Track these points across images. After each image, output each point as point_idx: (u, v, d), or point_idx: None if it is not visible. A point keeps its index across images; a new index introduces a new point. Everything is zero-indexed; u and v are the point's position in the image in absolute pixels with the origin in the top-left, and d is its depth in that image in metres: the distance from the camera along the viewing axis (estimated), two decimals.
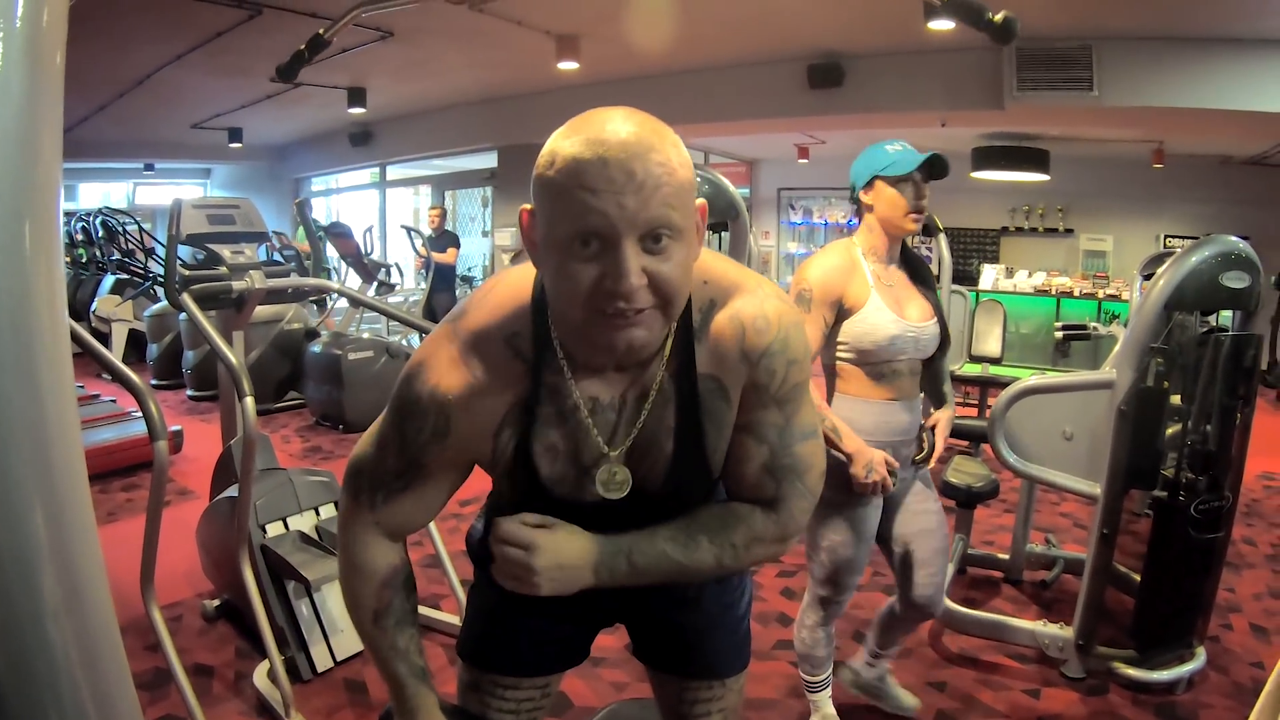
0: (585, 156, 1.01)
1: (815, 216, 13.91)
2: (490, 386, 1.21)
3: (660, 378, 1.23)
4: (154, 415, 2.44)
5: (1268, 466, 6.32)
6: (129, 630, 3.37)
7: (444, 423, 1.21)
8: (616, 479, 1.25)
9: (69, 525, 0.98)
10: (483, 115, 10.39)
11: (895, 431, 2.49)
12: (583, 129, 1.04)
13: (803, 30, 6.93)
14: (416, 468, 1.26)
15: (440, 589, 3.84)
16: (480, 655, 1.58)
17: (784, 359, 1.25)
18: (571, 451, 1.25)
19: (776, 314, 1.25)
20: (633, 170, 1.01)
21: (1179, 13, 5.72)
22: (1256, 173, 10.58)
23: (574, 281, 1.05)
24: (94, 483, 5.02)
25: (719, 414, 1.27)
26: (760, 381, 1.25)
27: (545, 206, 1.07)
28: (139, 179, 14.47)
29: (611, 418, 1.25)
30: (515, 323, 1.21)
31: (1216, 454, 3.06)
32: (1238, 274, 2.94)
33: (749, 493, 1.33)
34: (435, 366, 1.21)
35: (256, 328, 7.19)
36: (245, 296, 3.50)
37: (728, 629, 1.61)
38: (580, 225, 1.02)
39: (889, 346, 2.41)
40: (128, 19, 6.43)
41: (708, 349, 1.24)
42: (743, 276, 1.29)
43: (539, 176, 1.06)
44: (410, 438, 1.24)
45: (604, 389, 1.24)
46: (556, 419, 1.23)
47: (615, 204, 1.01)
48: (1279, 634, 3.65)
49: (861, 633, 3.51)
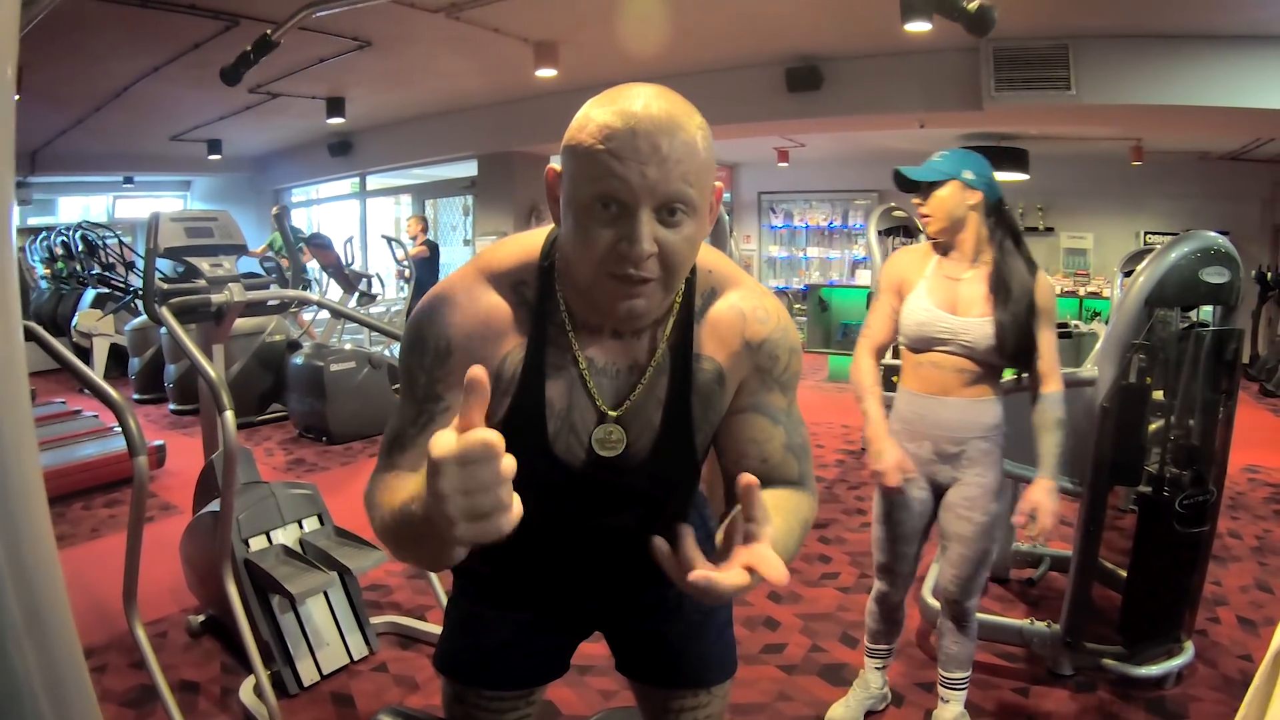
0: (616, 125, 1.07)
1: (796, 220, 13.97)
2: (492, 325, 1.24)
3: (659, 351, 1.28)
4: (133, 430, 2.42)
5: (1251, 459, 6.35)
6: (113, 647, 3.36)
7: (445, 345, 1.22)
8: (612, 438, 1.28)
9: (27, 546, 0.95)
10: (462, 124, 10.37)
11: (934, 425, 2.60)
12: (618, 100, 1.10)
13: (781, 34, 6.94)
14: (432, 406, 1.24)
15: (426, 600, 3.83)
16: (460, 669, 1.57)
17: (785, 346, 1.34)
18: (565, 409, 1.27)
19: (775, 308, 1.34)
20: (658, 144, 1.06)
21: (1155, 10, 5.75)
22: (1235, 168, 10.66)
23: (590, 241, 1.10)
24: (77, 499, 5.03)
25: (710, 396, 1.31)
26: (764, 366, 1.32)
27: (572, 167, 1.11)
28: (119, 192, 14.37)
29: (605, 383, 1.28)
30: (524, 273, 1.27)
31: (1200, 448, 3.07)
32: (1218, 269, 2.95)
33: (776, 473, 1.35)
34: (442, 297, 1.25)
35: (238, 340, 7.15)
36: (224, 309, 3.47)
37: (711, 637, 1.61)
38: (603, 188, 1.07)
39: (918, 332, 2.58)
40: (105, 31, 6.39)
41: (707, 331, 1.30)
42: (743, 274, 1.37)
43: (570, 139, 1.11)
44: (416, 370, 1.24)
45: (601, 354, 1.27)
46: (554, 372, 1.26)
47: (639, 173, 1.06)
48: (1266, 626, 3.66)
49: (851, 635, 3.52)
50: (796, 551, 1.25)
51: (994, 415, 2.59)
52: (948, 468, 2.62)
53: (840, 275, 13.28)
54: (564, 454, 1.29)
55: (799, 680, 3.26)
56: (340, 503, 3.85)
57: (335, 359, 6.91)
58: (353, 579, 3.38)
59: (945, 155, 2.58)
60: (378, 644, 3.42)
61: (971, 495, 2.60)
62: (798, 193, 13.74)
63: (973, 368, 2.54)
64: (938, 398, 2.58)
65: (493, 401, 1.22)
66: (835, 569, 4.31)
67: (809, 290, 11.00)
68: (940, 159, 2.57)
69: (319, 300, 3.84)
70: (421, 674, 3.24)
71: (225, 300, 3.44)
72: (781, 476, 1.35)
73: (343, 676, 3.24)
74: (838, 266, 13.60)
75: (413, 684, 3.18)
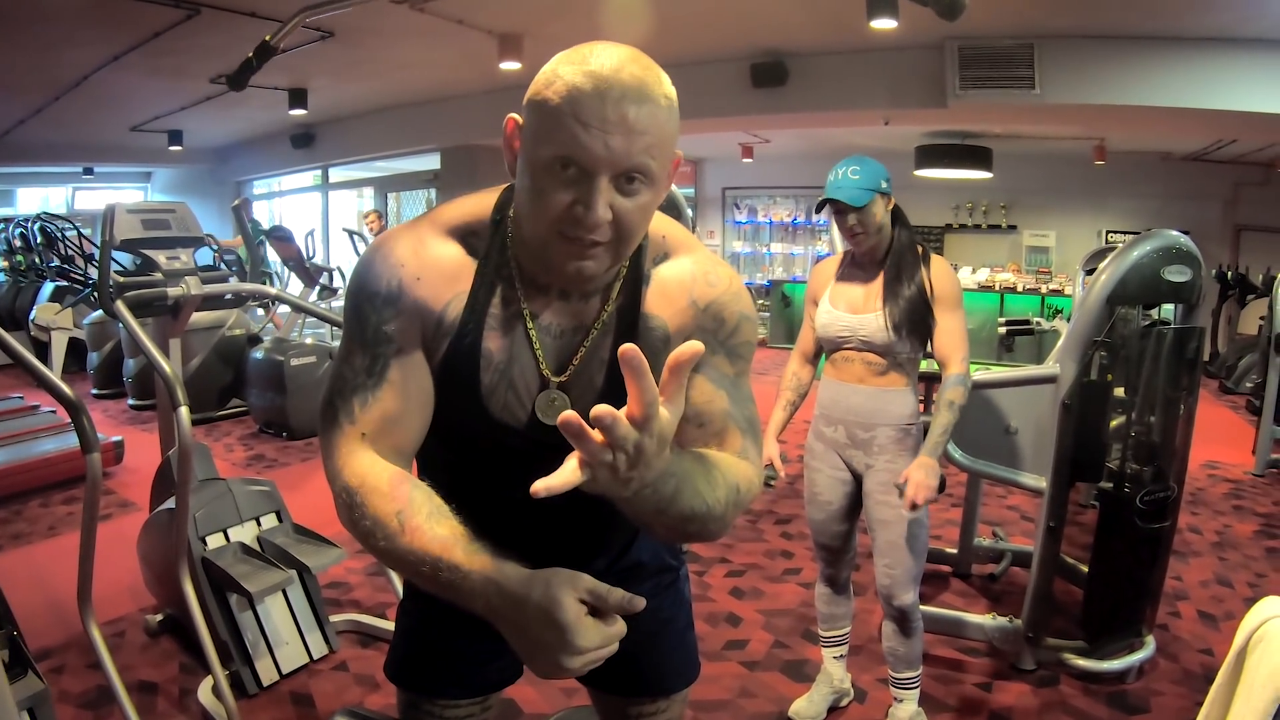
0: (584, 87, 1.04)
1: (760, 215, 13.98)
2: (440, 268, 1.22)
3: (605, 313, 1.25)
4: (86, 427, 2.38)
5: (1211, 455, 6.43)
6: (71, 647, 3.31)
7: (396, 284, 1.19)
8: (555, 405, 1.24)
9: None
10: (425, 116, 10.28)
11: (846, 411, 2.74)
12: (589, 59, 1.06)
13: (746, 29, 6.93)
14: (384, 348, 1.20)
15: (386, 597, 3.79)
16: (412, 678, 1.55)
17: (734, 309, 1.29)
18: (505, 362, 1.24)
19: (728, 275, 1.31)
20: (625, 113, 1.04)
21: (1119, 12, 5.79)
22: (1196, 168, 10.78)
23: (544, 199, 1.08)
24: (34, 496, 4.97)
25: (656, 356, 1.18)
26: (708, 327, 1.27)
27: (534, 123, 1.09)
28: (78, 183, 14.14)
29: (549, 342, 1.25)
30: (475, 226, 1.25)
31: (1160, 445, 3.10)
32: (1179, 268, 2.97)
33: (714, 441, 1.26)
34: (390, 241, 1.24)
35: (198, 334, 7.07)
36: (181, 303, 3.41)
37: (670, 642, 1.59)
38: (564, 151, 1.05)
39: (824, 334, 2.75)
40: (63, 20, 6.28)
41: (655, 291, 1.27)
42: (698, 243, 1.34)
43: (535, 94, 1.09)
44: (367, 310, 1.20)
45: (547, 313, 1.25)
46: (495, 323, 1.23)
47: (602, 141, 1.03)
48: (1227, 620, 3.70)
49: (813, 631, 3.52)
50: (721, 513, 1.14)
51: (905, 405, 2.70)
52: (860, 453, 2.74)
53: (804, 271, 13.31)
54: (500, 412, 1.25)
55: (761, 676, 3.26)
56: (300, 499, 3.81)
57: (296, 353, 6.83)
58: (312, 577, 3.34)
59: (859, 170, 2.58)
60: (338, 642, 3.38)
61: (884, 481, 2.68)
62: (762, 188, 13.75)
63: (880, 360, 2.67)
64: (850, 385, 2.72)
65: (432, 345, 1.22)
66: (797, 564, 4.32)
67: (772, 286, 11.04)
68: (859, 176, 2.57)
69: (278, 294, 3.79)
70: (381, 673, 3.20)
71: (182, 294, 3.38)
72: (720, 447, 1.25)
73: (302, 676, 3.20)
74: (801, 262, 13.63)
75: (373, 683, 3.14)
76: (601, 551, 1.47)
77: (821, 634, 3.05)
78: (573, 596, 0.98)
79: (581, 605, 0.99)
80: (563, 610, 0.97)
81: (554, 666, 0.98)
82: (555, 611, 0.97)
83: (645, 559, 1.53)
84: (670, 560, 1.59)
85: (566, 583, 0.99)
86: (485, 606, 1.04)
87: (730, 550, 4.49)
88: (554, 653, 0.97)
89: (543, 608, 0.97)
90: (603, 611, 1.00)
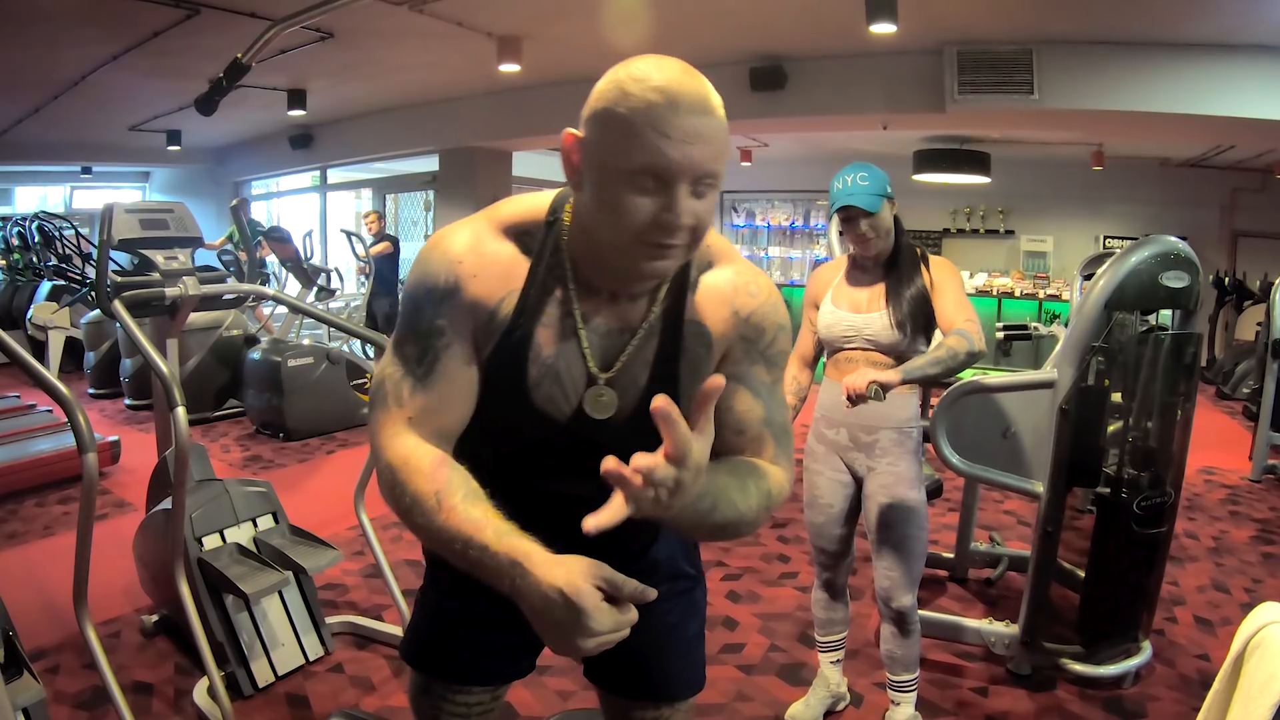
0: (660, 102, 1.10)
1: (758, 219, 13.95)
2: (496, 265, 1.28)
3: (652, 315, 1.32)
4: (82, 427, 2.37)
5: (1208, 461, 6.44)
6: (66, 648, 3.30)
7: (453, 279, 1.26)
8: (603, 400, 1.31)
9: None
10: (424, 118, 10.27)
11: (849, 413, 2.70)
12: (654, 74, 1.13)
13: (745, 32, 6.92)
14: (436, 341, 1.27)
15: (383, 599, 3.78)
16: (428, 660, 1.57)
17: (773, 320, 1.38)
18: (551, 356, 1.29)
19: (767, 286, 1.40)
20: (698, 125, 1.11)
21: (1118, 17, 5.79)
22: (1195, 174, 10.79)
23: (626, 209, 1.13)
24: (30, 495, 4.96)
25: (698, 361, 1.34)
26: (749, 337, 1.36)
27: (609, 138, 1.13)
28: (76, 182, 14.14)
29: (596, 340, 1.31)
30: (529, 226, 1.31)
31: (1158, 450, 3.10)
32: (1177, 274, 2.98)
33: (750, 447, 1.36)
34: (449, 237, 1.30)
35: (195, 335, 7.06)
36: (178, 303, 3.41)
37: (678, 650, 1.61)
38: (647, 162, 1.11)
39: (827, 334, 2.75)
40: (62, 18, 6.27)
41: (699, 298, 1.34)
42: (737, 253, 1.43)
43: (607, 108, 1.13)
44: (423, 303, 1.28)
45: (595, 313, 1.31)
46: (546, 319, 1.29)
47: (683, 152, 1.10)
48: (1223, 626, 3.70)
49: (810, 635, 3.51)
50: (754, 518, 1.27)
51: (907, 408, 2.71)
52: (863, 456, 2.74)
53: (801, 275, 13.27)
54: (544, 404, 1.31)
55: (758, 680, 3.26)
56: (296, 501, 3.80)
57: (293, 355, 6.82)
58: (308, 578, 3.34)
59: (867, 177, 2.60)
60: (333, 644, 3.38)
61: (885, 482, 2.70)
62: (760, 192, 13.71)
63: (885, 360, 2.65)
64: None
65: (483, 339, 1.29)
66: (794, 568, 4.32)
67: None
68: (868, 182, 2.59)
69: (276, 295, 3.79)
70: (377, 675, 3.20)
71: (180, 294, 3.37)
72: (756, 453, 1.36)
73: (298, 677, 3.19)
74: (799, 266, 13.61)
75: (369, 685, 3.14)
76: (620, 549, 1.48)
77: (818, 639, 3.04)
78: (590, 583, 1.06)
79: (598, 592, 1.06)
80: (581, 595, 1.05)
81: (569, 646, 1.07)
82: (574, 596, 1.05)
83: (662, 561, 1.57)
84: (687, 568, 1.63)
85: (585, 570, 1.08)
86: (510, 587, 1.11)
87: (727, 554, 4.49)
88: (570, 634, 1.06)
89: (562, 592, 1.05)
90: (617, 599, 1.08)
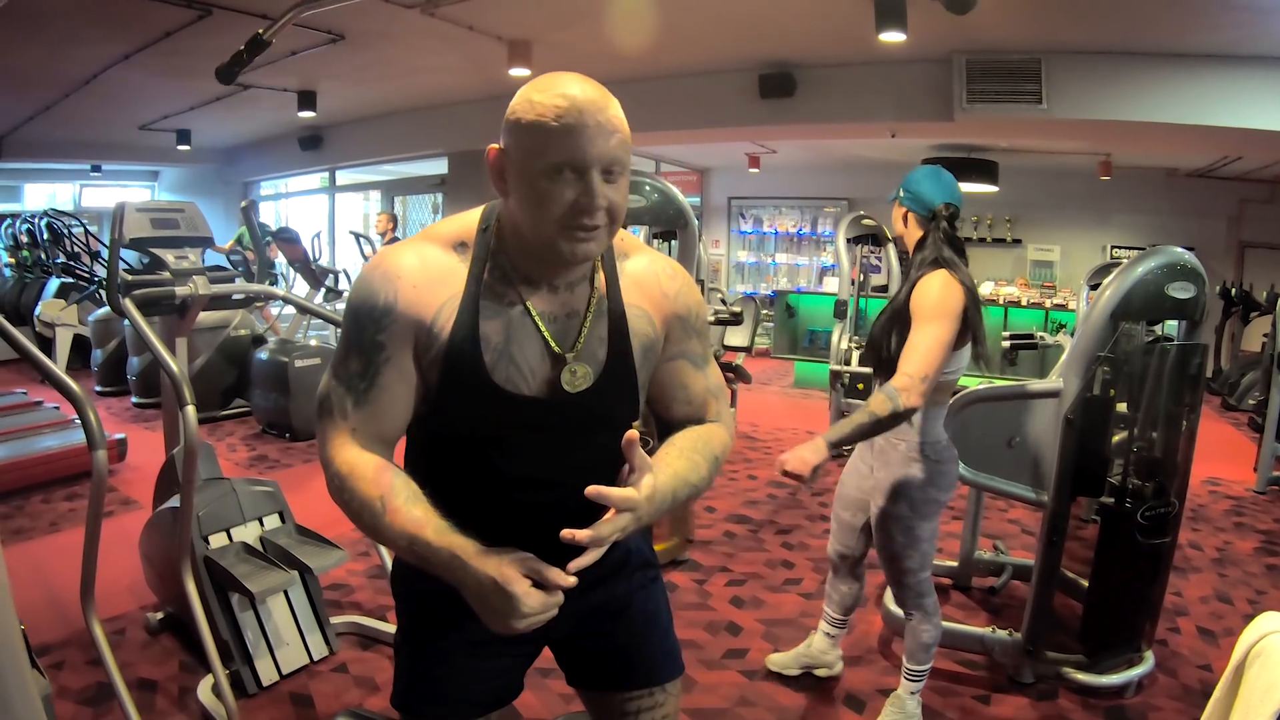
0: (562, 105, 1.26)
1: (766, 225, 13.97)
2: (433, 276, 1.39)
3: (594, 298, 1.46)
4: (92, 424, 2.38)
5: (1213, 472, 6.42)
6: (71, 644, 3.31)
7: (392, 296, 1.36)
8: (578, 375, 1.43)
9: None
10: (433, 120, 10.30)
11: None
12: (553, 85, 1.29)
13: (755, 40, 6.94)
14: (376, 356, 1.38)
15: (387, 600, 3.78)
16: (416, 706, 1.59)
17: (695, 297, 1.59)
18: (503, 342, 1.40)
19: (679, 268, 1.60)
20: (599, 119, 1.28)
21: (1127, 28, 5.80)
22: (1202, 185, 10.79)
23: (548, 201, 1.28)
24: (36, 492, 4.96)
25: (645, 335, 1.51)
26: (681, 314, 1.56)
27: (524, 143, 1.29)
28: (85, 180, 14.20)
29: (552, 327, 1.43)
30: (464, 235, 1.44)
31: (1163, 460, 3.10)
32: (1183, 284, 2.98)
33: (698, 413, 1.60)
34: (390, 256, 1.41)
35: (203, 334, 7.07)
36: (188, 302, 3.43)
37: (657, 637, 1.69)
38: (560, 157, 1.27)
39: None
40: (74, 18, 6.30)
41: (629, 284, 1.51)
42: (641, 242, 1.63)
43: (520, 119, 1.30)
44: (365, 323, 1.38)
45: (541, 303, 1.43)
46: (491, 313, 1.40)
47: (588, 142, 1.26)
48: (1226, 636, 3.70)
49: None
50: (708, 482, 1.50)
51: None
52: (871, 458, 2.84)
53: (808, 282, 13.29)
54: (504, 384, 1.40)
55: (760, 686, 3.26)
56: (302, 500, 3.81)
57: (300, 355, 6.83)
58: (313, 578, 3.35)
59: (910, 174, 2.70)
60: (338, 644, 3.39)
61: (866, 488, 2.86)
62: (768, 198, 13.73)
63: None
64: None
65: (427, 342, 1.39)
66: (798, 575, 4.32)
67: (777, 296, 10.99)
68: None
69: (285, 295, 3.80)
70: (381, 675, 3.21)
71: (189, 293, 3.39)
72: (702, 416, 1.60)
73: (302, 677, 3.20)
74: (806, 273, 13.62)
75: (372, 685, 3.15)
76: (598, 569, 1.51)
77: (825, 608, 3.23)
78: (519, 571, 1.27)
79: (527, 579, 1.27)
80: (510, 582, 1.25)
81: (505, 627, 1.27)
82: (505, 583, 1.25)
83: (633, 552, 1.65)
84: (651, 557, 1.74)
85: (515, 560, 1.28)
86: (451, 577, 1.29)
87: (731, 560, 4.49)
88: (505, 616, 1.26)
89: (495, 580, 1.25)
90: (544, 584, 1.27)
